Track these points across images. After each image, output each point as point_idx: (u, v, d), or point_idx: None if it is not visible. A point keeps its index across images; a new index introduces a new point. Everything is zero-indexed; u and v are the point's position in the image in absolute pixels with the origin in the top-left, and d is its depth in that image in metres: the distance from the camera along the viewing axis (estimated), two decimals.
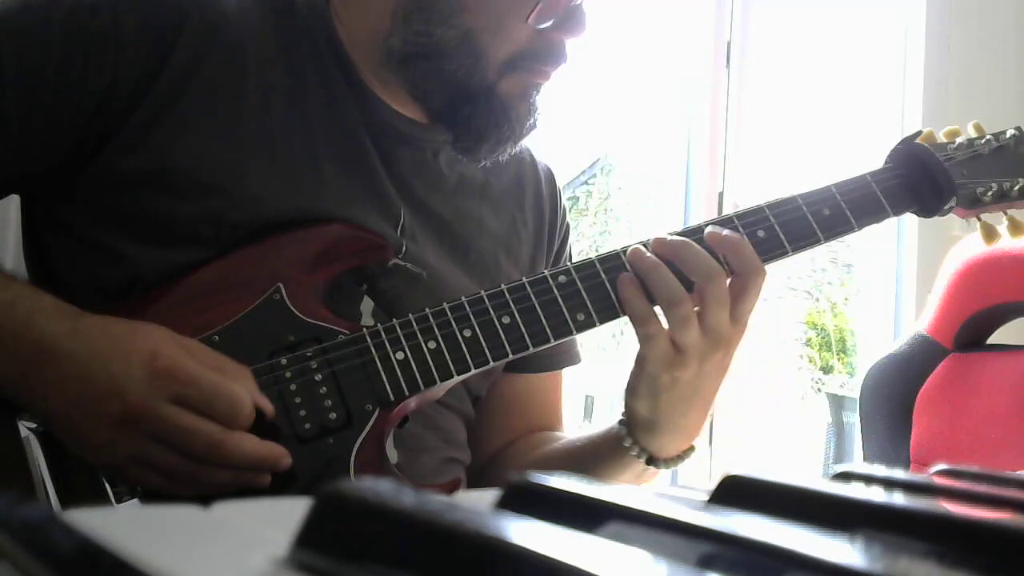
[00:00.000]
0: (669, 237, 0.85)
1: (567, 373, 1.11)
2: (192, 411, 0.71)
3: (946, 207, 0.94)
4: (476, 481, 1.02)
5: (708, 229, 0.85)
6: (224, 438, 0.72)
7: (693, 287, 0.84)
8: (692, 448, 0.94)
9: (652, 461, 0.92)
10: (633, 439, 0.91)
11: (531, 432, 1.08)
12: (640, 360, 0.87)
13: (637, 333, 0.85)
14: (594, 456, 0.95)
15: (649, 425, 0.90)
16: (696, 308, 0.83)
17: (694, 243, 0.84)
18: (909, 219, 0.91)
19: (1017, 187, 0.95)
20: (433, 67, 0.88)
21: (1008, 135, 0.97)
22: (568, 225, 1.10)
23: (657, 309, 0.84)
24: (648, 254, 0.84)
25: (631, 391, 0.89)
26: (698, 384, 0.87)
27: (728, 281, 0.84)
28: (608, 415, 2.26)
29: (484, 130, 0.90)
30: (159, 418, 0.71)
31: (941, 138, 0.97)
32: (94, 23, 0.81)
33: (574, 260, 0.95)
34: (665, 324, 0.84)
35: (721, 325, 0.83)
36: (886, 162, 0.96)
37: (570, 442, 1.02)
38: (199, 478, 0.73)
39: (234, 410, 0.73)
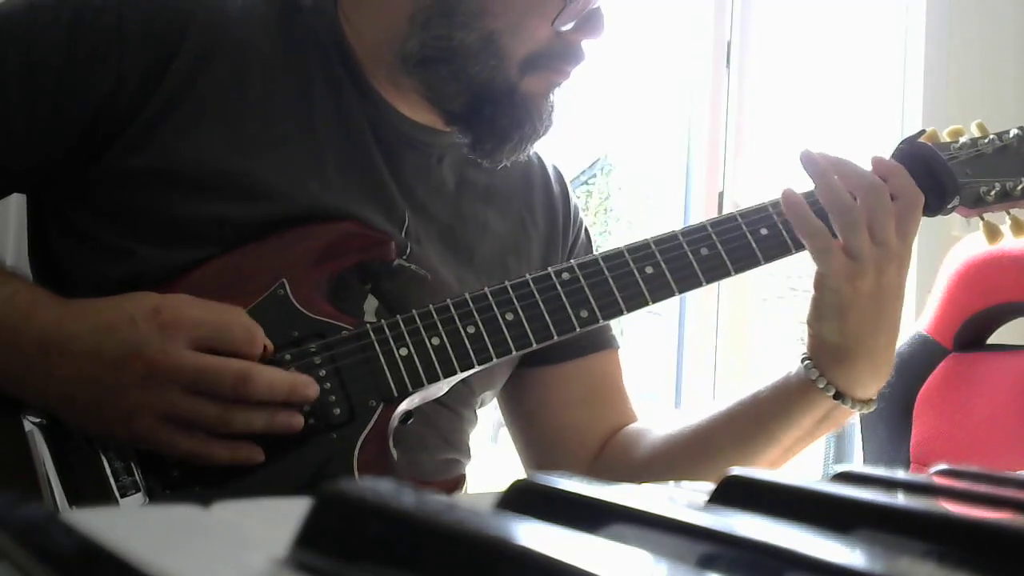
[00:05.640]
0: (831, 155, 0.88)
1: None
2: (210, 352, 0.73)
3: (949, 206, 0.94)
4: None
5: (874, 156, 0.89)
6: (250, 368, 0.74)
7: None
8: (874, 400, 0.92)
9: (841, 397, 0.90)
10: (821, 372, 0.89)
11: (614, 430, 1.05)
12: (819, 280, 0.87)
13: (812, 250, 0.87)
14: (775, 407, 0.93)
15: (839, 352, 0.88)
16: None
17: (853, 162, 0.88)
18: None
19: (1020, 187, 0.94)
20: (454, 70, 0.87)
21: (1012, 135, 0.97)
22: (582, 221, 1.09)
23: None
24: (817, 158, 0.87)
25: (816, 317, 0.89)
26: (880, 299, 0.87)
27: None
28: None
29: (508, 130, 0.89)
30: (182, 366, 0.72)
31: (944, 137, 0.96)
32: (99, 24, 0.81)
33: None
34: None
35: (889, 235, 0.85)
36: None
37: (723, 411, 0.98)
38: (234, 422, 0.74)
39: (249, 334, 0.76)
